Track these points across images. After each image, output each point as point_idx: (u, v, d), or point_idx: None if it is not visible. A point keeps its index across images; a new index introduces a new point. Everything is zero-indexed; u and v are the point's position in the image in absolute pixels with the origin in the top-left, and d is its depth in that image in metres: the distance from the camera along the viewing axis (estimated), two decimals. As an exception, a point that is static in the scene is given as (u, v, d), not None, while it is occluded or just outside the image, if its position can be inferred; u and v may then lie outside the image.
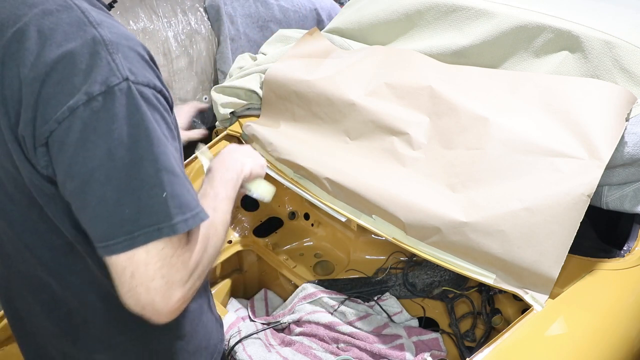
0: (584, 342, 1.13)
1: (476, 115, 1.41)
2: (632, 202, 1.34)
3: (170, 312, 0.68)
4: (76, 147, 0.64)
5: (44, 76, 0.64)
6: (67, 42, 0.65)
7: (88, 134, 0.63)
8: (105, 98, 0.63)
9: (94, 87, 0.63)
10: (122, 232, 0.64)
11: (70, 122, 0.63)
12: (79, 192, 0.65)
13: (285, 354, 1.31)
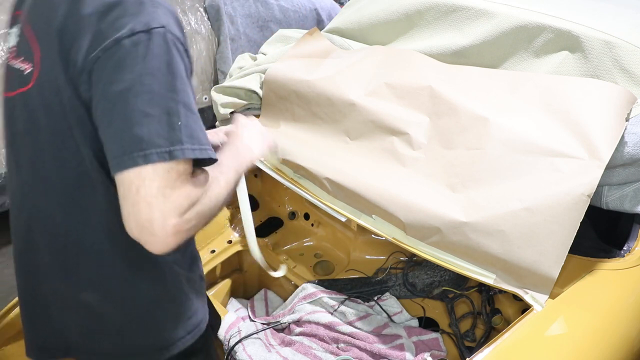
0: (584, 342, 1.13)
1: (476, 115, 1.41)
2: (632, 202, 1.34)
3: (165, 237, 0.74)
4: (114, 71, 0.75)
5: (101, 15, 0.77)
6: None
7: (125, 61, 0.75)
8: (145, 35, 0.76)
9: (137, 26, 0.76)
10: (137, 148, 0.73)
11: (114, 51, 0.75)
12: (107, 110, 0.76)
13: (285, 354, 1.32)
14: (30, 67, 0.87)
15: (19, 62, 0.90)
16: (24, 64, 0.89)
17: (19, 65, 0.90)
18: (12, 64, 0.93)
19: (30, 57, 0.87)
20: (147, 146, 0.74)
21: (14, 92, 0.91)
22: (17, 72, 0.90)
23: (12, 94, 0.92)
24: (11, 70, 0.93)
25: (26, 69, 0.88)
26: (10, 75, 0.94)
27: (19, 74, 0.89)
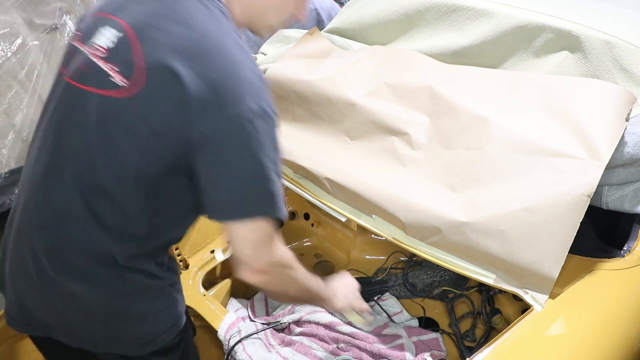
0: (584, 342, 1.13)
1: (476, 115, 1.41)
2: (632, 202, 1.34)
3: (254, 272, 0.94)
4: (231, 142, 0.87)
5: (223, 84, 0.86)
6: (249, 71, 0.89)
7: (242, 136, 0.87)
8: (261, 115, 0.87)
9: (262, 102, 0.88)
10: (237, 204, 0.90)
11: (236, 126, 0.86)
12: (218, 172, 0.88)
13: (285, 354, 1.31)
14: (123, 82, 0.89)
15: (108, 67, 0.91)
16: (116, 74, 0.90)
17: (106, 69, 0.91)
18: (94, 60, 0.93)
19: (129, 75, 0.89)
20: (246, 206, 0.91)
21: (88, 87, 0.92)
22: (99, 71, 0.91)
23: (84, 87, 0.93)
24: (89, 64, 0.93)
25: (117, 79, 0.89)
26: (86, 68, 0.94)
27: (102, 76, 0.91)
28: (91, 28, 0.98)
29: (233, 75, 0.87)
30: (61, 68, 1.02)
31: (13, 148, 2.25)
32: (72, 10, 2.45)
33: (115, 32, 0.93)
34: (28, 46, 2.26)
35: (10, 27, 2.21)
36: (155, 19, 0.92)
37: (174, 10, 0.92)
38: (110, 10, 0.98)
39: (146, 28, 0.91)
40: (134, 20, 0.93)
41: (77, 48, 0.98)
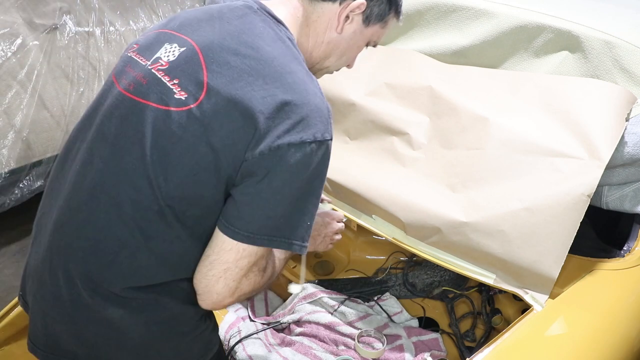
0: (584, 342, 1.13)
1: (476, 115, 1.41)
2: (632, 202, 1.34)
3: (216, 304, 0.93)
4: (278, 170, 0.85)
5: (283, 112, 0.84)
6: (317, 98, 0.87)
7: (291, 164, 0.85)
8: (318, 146, 0.86)
9: (317, 133, 0.86)
10: (267, 233, 0.87)
11: (301, 150, 0.84)
12: (257, 197, 0.86)
13: (285, 354, 1.31)
14: (184, 97, 0.87)
15: (169, 81, 0.89)
16: (177, 88, 0.88)
17: (167, 82, 0.89)
18: (155, 72, 0.91)
19: (190, 91, 0.87)
20: (276, 234, 0.88)
21: (146, 100, 0.89)
22: (159, 85, 0.89)
23: (142, 100, 0.89)
24: (149, 77, 0.91)
25: (178, 93, 0.87)
26: (144, 80, 0.91)
27: (162, 89, 0.88)
28: (153, 43, 0.96)
29: (300, 101, 0.86)
30: (113, 78, 0.98)
31: (13, 148, 2.25)
32: (72, 10, 2.45)
33: (180, 48, 0.92)
34: (28, 46, 2.26)
35: (10, 27, 2.21)
36: (223, 40, 0.90)
37: (242, 32, 0.91)
38: (175, 27, 0.97)
39: (213, 47, 0.90)
40: (201, 39, 0.92)
41: (135, 60, 0.95)
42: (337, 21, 1.02)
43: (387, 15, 1.07)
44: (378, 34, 1.10)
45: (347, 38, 1.06)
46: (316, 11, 1.02)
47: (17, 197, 2.35)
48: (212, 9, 1.00)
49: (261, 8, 0.99)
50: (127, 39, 2.62)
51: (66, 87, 2.42)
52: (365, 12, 1.04)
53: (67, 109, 2.43)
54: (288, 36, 0.96)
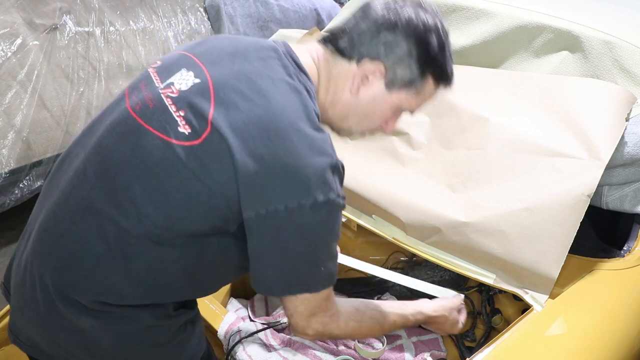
0: (584, 342, 1.13)
1: (476, 115, 1.41)
2: (632, 202, 1.34)
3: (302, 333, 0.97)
4: (288, 228, 0.85)
5: (292, 172, 0.83)
6: (314, 159, 0.84)
7: (291, 227, 0.85)
8: (326, 206, 0.85)
9: (319, 196, 0.84)
10: (283, 284, 0.90)
11: (300, 213, 0.84)
12: (271, 250, 0.87)
13: (285, 354, 1.31)
14: (186, 130, 0.85)
15: (175, 111, 0.87)
16: (182, 120, 0.86)
17: (173, 112, 0.87)
18: (164, 99, 0.89)
19: (194, 126, 0.85)
20: (292, 285, 0.91)
21: (149, 126, 0.87)
22: (164, 113, 0.87)
23: (144, 124, 0.87)
24: (157, 102, 0.89)
25: (182, 125, 0.85)
26: (152, 104, 0.89)
27: (166, 118, 0.87)
28: (173, 64, 0.94)
29: (303, 164, 0.83)
30: (126, 90, 0.96)
31: (13, 148, 2.25)
32: (72, 10, 2.45)
33: (194, 79, 0.89)
34: (28, 46, 2.26)
35: (10, 27, 2.21)
36: (238, 80, 0.88)
37: (260, 76, 0.89)
38: (198, 53, 0.95)
39: (226, 86, 0.87)
40: (217, 74, 0.89)
41: (151, 79, 0.94)
42: (353, 82, 0.96)
43: (418, 82, 0.96)
44: (411, 102, 0.99)
45: (365, 102, 0.98)
46: (336, 67, 0.98)
47: (17, 197, 2.35)
48: (240, 43, 0.97)
49: (287, 52, 0.96)
50: (127, 39, 2.62)
51: (66, 87, 2.42)
52: (387, 77, 0.95)
53: (67, 109, 2.43)
54: (308, 87, 0.92)
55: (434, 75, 0.97)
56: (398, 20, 0.93)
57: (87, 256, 0.87)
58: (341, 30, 0.98)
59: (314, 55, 0.99)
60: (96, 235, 0.87)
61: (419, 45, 0.93)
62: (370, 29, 0.95)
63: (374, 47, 0.94)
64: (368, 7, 0.97)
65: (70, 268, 0.88)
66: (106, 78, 2.53)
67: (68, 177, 0.93)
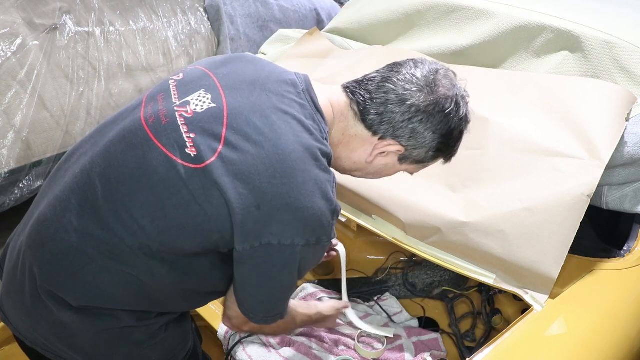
0: (584, 342, 1.13)
1: (476, 115, 1.40)
2: (632, 202, 1.34)
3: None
4: (277, 261, 0.89)
5: (291, 215, 0.85)
6: (312, 202, 0.86)
7: (282, 261, 0.89)
8: (315, 245, 0.89)
9: (312, 239, 0.88)
10: (262, 313, 0.98)
11: (291, 250, 0.87)
12: (256, 280, 0.92)
13: (285, 354, 1.31)
14: (193, 153, 0.86)
15: (186, 132, 0.87)
16: (190, 142, 0.87)
17: (183, 132, 0.87)
18: (177, 117, 0.89)
19: (200, 150, 0.86)
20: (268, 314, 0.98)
21: (158, 141, 0.88)
22: (175, 131, 0.88)
23: (154, 139, 0.88)
24: (170, 119, 0.89)
25: (189, 147, 0.86)
26: (165, 120, 0.90)
27: (176, 137, 0.87)
28: (194, 81, 0.95)
29: (303, 205, 0.85)
30: (144, 98, 0.97)
31: (13, 148, 2.25)
32: (72, 10, 2.45)
33: (210, 103, 0.90)
34: (28, 46, 2.26)
35: (10, 27, 2.21)
36: (253, 112, 0.89)
37: (274, 111, 0.89)
38: (220, 76, 0.95)
39: (240, 116, 0.88)
40: (234, 103, 0.90)
41: (170, 92, 0.94)
42: (371, 153, 1.00)
43: (428, 162, 1.04)
44: (413, 170, 1.08)
45: (376, 167, 1.04)
46: (355, 128, 1.00)
47: (17, 197, 2.35)
48: (264, 71, 0.98)
49: (306, 90, 0.97)
50: (127, 39, 2.62)
51: (66, 87, 2.41)
52: (403, 154, 1.01)
53: (67, 109, 2.42)
54: (321, 128, 0.93)
55: (444, 158, 1.06)
56: (432, 113, 0.96)
57: (78, 255, 0.89)
58: (371, 99, 0.97)
59: (334, 100, 1.00)
60: (91, 237, 0.88)
61: (443, 138, 0.99)
62: (403, 114, 0.96)
63: (401, 131, 0.97)
64: (402, 83, 0.96)
65: (60, 263, 0.90)
66: (106, 78, 2.53)
67: (74, 173, 0.94)
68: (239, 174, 0.84)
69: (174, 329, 1.03)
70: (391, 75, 0.98)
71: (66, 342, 0.96)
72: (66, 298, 0.91)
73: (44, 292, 0.91)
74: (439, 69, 0.99)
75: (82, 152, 0.98)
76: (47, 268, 0.91)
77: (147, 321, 0.97)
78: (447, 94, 0.97)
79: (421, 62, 1.00)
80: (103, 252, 0.88)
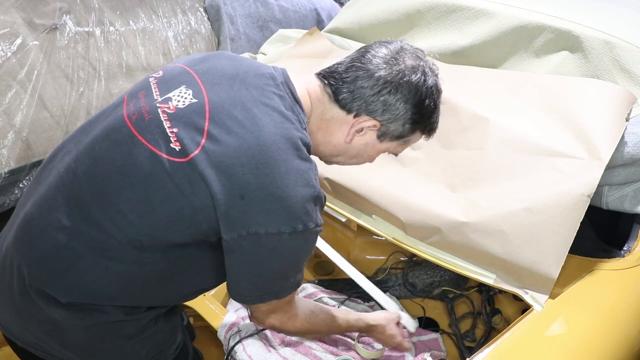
0: (584, 342, 1.13)
1: (476, 115, 1.41)
2: (632, 202, 1.34)
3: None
4: (265, 249, 0.90)
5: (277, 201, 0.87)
6: (295, 190, 0.88)
7: (270, 249, 0.90)
8: (301, 233, 0.90)
9: (299, 226, 0.89)
10: (256, 294, 0.97)
11: (278, 238, 0.89)
12: (247, 267, 0.93)
13: (285, 354, 1.31)
14: (177, 147, 0.87)
15: (169, 127, 0.89)
16: (174, 137, 0.88)
17: (167, 128, 0.89)
18: (160, 113, 0.91)
19: (184, 144, 0.87)
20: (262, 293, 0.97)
21: (142, 137, 0.89)
22: (158, 127, 0.90)
23: (138, 135, 0.90)
24: (153, 115, 0.91)
25: (173, 142, 0.88)
26: (148, 116, 0.91)
27: (159, 132, 0.89)
28: (174, 78, 0.96)
29: (287, 193, 0.87)
30: (125, 97, 0.98)
31: (13, 148, 2.25)
32: (72, 10, 2.45)
33: (192, 99, 0.92)
34: (28, 46, 2.26)
35: (10, 27, 2.21)
36: (234, 106, 0.91)
37: (255, 104, 0.91)
38: (200, 72, 0.97)
39: (222, 110, 0.90)
40: (215, 97, 0.92)
41: (151, 90, 0.96)
42: (348, 132, 1.02)
43: (408, 135, 1.04)
44: (397, 148, 1.08)
45: (357, 147, 1.05)
46: (331, 111, 1.02)
47: (17, 197, 2.35)
48: (242, 66, 1.00)
49: (285, 82, 0.98)
50: (127, 39, 2.62)
51: (66, 87, 2.41)
52: (380, 130, 1.02)
53: (67, 109, 2.42)
54: (300, 118, 0.96)
55: (422, 131, 1.06)
56: (400, 83, 0.97)
57: (67, 252, 0.89)
58: (342, 79, 1.00)
59: (310, 88, 1.02)
60: (79, 234, 0.89)
61: (416, 108, 1.00)
62: (372, 88, 0.98)
63: (373, 105, 0.98)
64: (369, 60, 0.99)
65: (48, 261, 0.90)
66: (106, 78, 2.53)
67: (59, 172, 0.95)
68: (222, 166, 0.86)
69: (163, 323, 1.04)
70: (359, 55, 1.01)
71: (57, 339, 0.96)
72: (55, 295, 0.91)
73: (32, 290, 0.92)
74: (405, 46, 1.03)
75: (65, 151, 0.99)
76: (36, 266, 0.91)
77: (136, 315, 0.98)
78: (412, 64, 0.99)
79: (388, 42, 1.02)
80: (92, 248, 0.89)
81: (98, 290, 0.92)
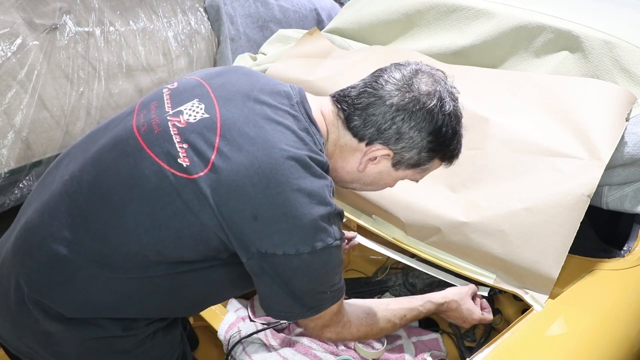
0: (584, 342, 1.13)
1: (476, 115, 1.41)
2: (632, 202, 1.34)
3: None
4: (287, 269, 0.87)
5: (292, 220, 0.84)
6: (314, 207, 0.85)
7: (301, 266, 0.87)
8: (321, 251, 0.87)
9: (318, 244, 0.86)
10: (296, 310, 0.93)
11: (298, 258, 0.86)
12: (273, 287, 0.89)
13: (286, 354, 1.31)
14: (186, 163, 0.85)
15: (179, 142, 0.87)
16: (183, 152, 0.86)
17: (176, 142, 0.87)
18: (170, 127, 0.89)
19: (194, 160, 0.85)
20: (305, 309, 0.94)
21: (150, 151, 0.87)
22: (167, 141, 0.87)
23: (146, 148, 0.88)
24: (163, 128, 0.89)
25: (182, 157, 0.86)
26: (158, 129, 0.89)
27: (168, 147, 0.87)
28: (188, 90, 0.94)
29: (301, 213, 0.84)
30: (136, 107, 0.96)
31: (13, 148, 2.25)
32: (72, 10, 2.45)
33: (203, 114, 0.90)
34: (28, 46, 2.26)
35: (10, 27, 2.21)
36: (246, 124, 0.88)
37: (268, 121, 0.89)
38: (215, 86, 0.95)
39: (234, 127, 0.88)
40: (228, 114, 0.90)
41: (163, 101, 0.94)
42: (360, 161, 0.99)
43: (425, 164, 1.00)
44: (415, 176, 1.04)
45: (371, 175, 1.02)
46: (345, 137, 0.99)
47: (17, 197, 2.35)
48: (258, 82, 0.97)
49: (300, 102, 0.96)
50: (127, 39, 2.62)
51: (66, 87, 2.41)
52: (395, 159, 0.98)
53: (67, 109, 2.42)
54: (316, 140, 0.92)
55: (441, 159, 1.01)
56: (413, 110, 0.93)
57: (67, 263, 0.87)
58: (354, 104, 0.96)
59: (325, 111, 0.99)
60: (80, 246, 0.87)
61: (432, 136, 0.95)
62: (384, 115, 0.94)
63: (386, 133, 0.95)
64: (381, 85, 0.95)
65: (48, 272, 0.88)
66: (106, 78, 2.53)
67: (63, 180, 0.92)
68: (232, 185, 0.83)
69: (161, 337, 1.01)
70: (372, 80, 0.97)
71: (51, 350, 0.94)
72: (54, 306, 0.89)
73: (30, 301, 0.90)
74: (422, 68, 0.98)
75: (72, 157, 0.97)
76: (35, 277, 0.89)
77: (134, 330, 0.95)
78: (427, 90, 0.94)
79: (403, 65, 0.98)
80: (94, 260, 0.87)
81: (98, 302, 0.90)
